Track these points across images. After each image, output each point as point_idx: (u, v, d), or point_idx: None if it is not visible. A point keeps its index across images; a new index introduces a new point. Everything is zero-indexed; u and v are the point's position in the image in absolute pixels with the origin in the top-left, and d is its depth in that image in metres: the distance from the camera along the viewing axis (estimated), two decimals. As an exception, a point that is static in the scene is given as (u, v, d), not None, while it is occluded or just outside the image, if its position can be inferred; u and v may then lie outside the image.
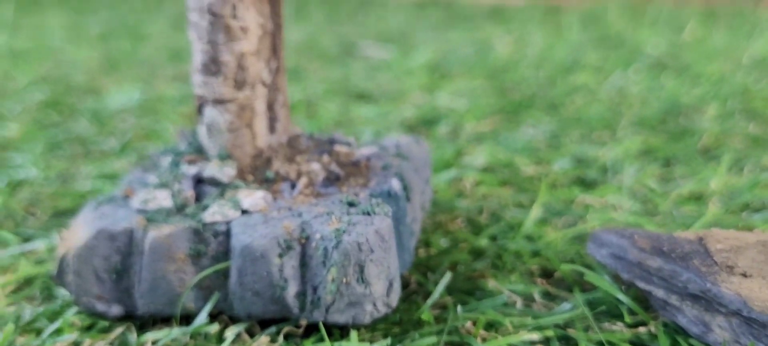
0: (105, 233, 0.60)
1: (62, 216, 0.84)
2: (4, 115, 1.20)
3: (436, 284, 0.66)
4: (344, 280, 0.57)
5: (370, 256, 0.57)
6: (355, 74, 1.44)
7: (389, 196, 0.63)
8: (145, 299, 0.61)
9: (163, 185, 0.64)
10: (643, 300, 0.63)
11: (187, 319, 0.61)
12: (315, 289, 0.58)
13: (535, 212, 0.77)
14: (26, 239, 0.78)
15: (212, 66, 0.63)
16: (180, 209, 0.62)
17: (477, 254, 0.72)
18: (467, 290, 0.65)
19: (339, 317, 0.58)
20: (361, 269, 0.57)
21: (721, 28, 1.88)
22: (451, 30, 1.95)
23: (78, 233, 0.62)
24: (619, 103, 1.22)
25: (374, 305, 0.58)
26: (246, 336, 0.59)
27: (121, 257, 0.61)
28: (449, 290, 0.66)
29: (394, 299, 0.59)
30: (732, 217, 0.80)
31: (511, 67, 1.47)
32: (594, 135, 1.06)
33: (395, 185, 0.64)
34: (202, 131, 0.67)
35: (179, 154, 0.69)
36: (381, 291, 0.58)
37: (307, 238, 0.58)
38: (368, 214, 0.59)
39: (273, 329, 0.59)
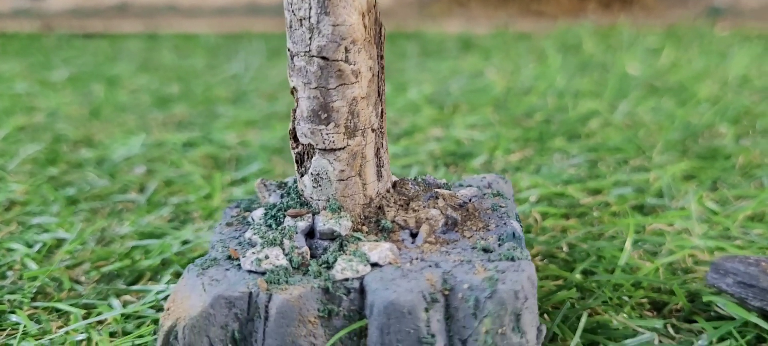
0: (223, 300, 0.56)
1: (114, 280, 0.78)
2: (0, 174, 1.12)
3: (553, 324, 0.63)
4: (500, 330, 0.54)
5: (525, 303, 0.54)
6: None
7: (514, 238, 0.61)
8: (271, 368, 0.56)
9: (272, 243, 0.60)
10: (764, 329, 0.62)
11: (317, 385, 0.57)
12: (464, 342, 0.54)
13: (628, 244, 0.75)
14: (87, 309, 0.72)
15: (322, 113, 0.60)
16: (297, 267, 0.58)
17: (579, 290, 0.70)
18: (590, 329, 0.63)
19: (492, 371, 0.55)
20: (518, 318, 0.54)
21: (690, 49, 1.94)
22: (429, 61, 1.95)
23: (188, 301, 0.57)
24: (633, 128, 1.24)
25: (528, 354, 0.55)
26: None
27: (240, 324, 0.56)
28: (570, 328, 0.63)
29: (539, 344, 0.57)
30: (806, 236, 0.80)
31: (513, 97, 1.47)
32: (631, 162, 1.06)
33: (517, 226, 0.62)
34: (305, 182, 0.63)
35: (272, 208, 0.65)
36: (533, 339, 0.55)
37: (451, 289, 0.54)
38: (512, 260, 0.56)
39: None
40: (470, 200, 0.67)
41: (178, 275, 0.77)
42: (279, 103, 1.54)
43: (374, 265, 0.57)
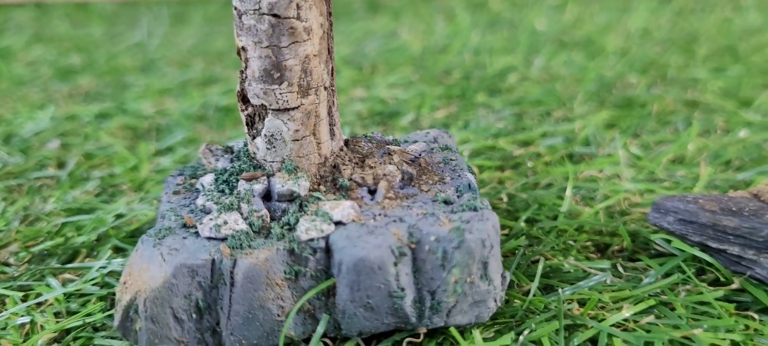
0: (185, 268, 0.54)
1: (47, 259, 0.74)
2: None
3: (510, 272, 0.65)
4: (468, 279, 0.55)
5: (491, 252, 0.55)
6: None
7: (470, 189, 0.61)
8: (238, 335, 0.55)
9: (229, 208, 0.58)
10: (705, 261, 0.66)
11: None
12: (432, 294, 0.55)
13: (569, 191, 0.78)
14: (24, 291, 0.68)
15: (275, 72, 0.58)
16: (258, 231, 0.57)
17: (527, 237, 0.72)
18: (544, 274, 0.65)
19: (462, 319, 0.56)
20: (485, 266, 0.55)
21: (592, 4, 2.01)
22: (339, 23, 1.93)
23: (146, 273, 0.55)
24: (551, 81, 1.27)
25: (495, 300, 0.56)
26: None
27: (203, 292, 0.55)
28: (527, 275, 0.65)
29: (504, 291, 0.58)
30: (724, 174, 0.85)
31: (430, 56, 1.48)
32: (554, 113, 1.09)
33: (471, 178, 0.63)
34: (258, 144, 0.62)
35: (223, 173, 0.63)
36: (499, 285, 0.57)
37: (418, 242, 0.55)
38: (475, 210, 0.57)
39: (388, 342, 0.56)
40: (421, 155, 0.68)
41: (118, 250, 0.74)
42: (191, 70, 1.49)
43: (338, 223, 0.57)
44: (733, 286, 0.62)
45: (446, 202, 0.59)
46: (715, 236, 0.64)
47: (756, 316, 0.59)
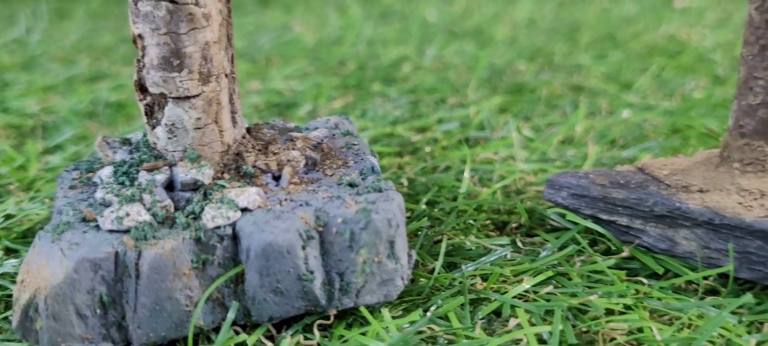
0: (87, 263, 0.52)
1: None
2: None
3: (414, 252, 0.67)
4: (376, 259, 0.56)
5: (397, 231, 0.56)
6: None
7: (373, 172, 0.63)
8: (145, 328, 0.54)
9: (130, 200, 0.57)
10: (597, 232, 0.69)
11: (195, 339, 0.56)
12: (341, 275, 0.56)
13: (467, 173, 0.80)
14: None
15: (174, 59, 0.57)
16: (162, 221, 0.56)
17: (428, 219, 0.74)
18: (448, 253, 0.67)
19: (371, 298, 0.57)
20: (392, 245, 0.56)
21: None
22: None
23: (46, 269, 0.53)
24: (443, 70, 1.30)
25: (402, 278, 0.58)
26: (289, 337, 0.55)
27: (107, 286, 0.53)
28: (431, 255, 0.67)
29: (411, 270, 0.59)
30: (610, 152, 0.90)
31: (324, 48, 1.48)
32: (449, 100, 1.12)
33: (374, 161, 0.64)
34: (158, 133, 0.60)
35: (122, 165, 0.62)
36: (406, 264, 0.58)
37: (325, 224, 0.55)
38: (380, 191, 0.58)
39: (298, 326, 0.56)
40: (323, 141, 0.68)
41: (10, 251, 0.71)
42: (77, 66, 1.43)
43: (244, 210, 0.57)
44: (624, 254, 0.66)
45: (351, 184, 0.60)
46: (606, 209, 0.67)
47: (645, 280, 0.63)
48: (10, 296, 0.63)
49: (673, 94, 1.13)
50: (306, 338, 0.56)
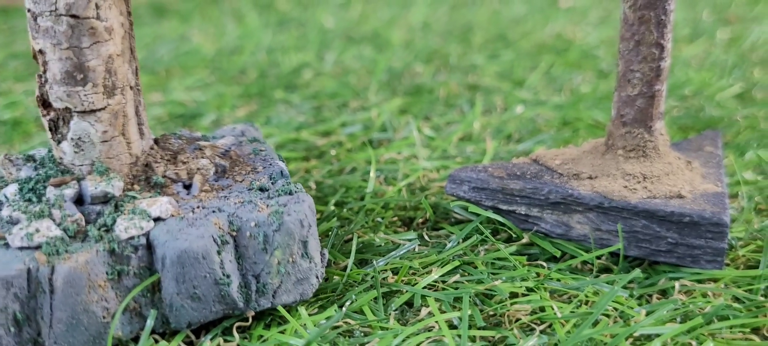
0: (-2, 281, 0.52)
1: None
2: None
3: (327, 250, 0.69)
4: (290, 259, 0.58)
5: (309, 231, 0.58)
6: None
7: (282, 176, 0.64)
8: (62, 342, 0.54)
9: (39, 216, 0.57)
10: (498, 222, 0.74)
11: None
12: (257, 277, 0.58)
13: (372, 173, 0.83)
14: None
15: (77, 74, 0.57)
16: (74, 235, 0.56)
17: (338, 219, 0.76)
18: (358, 250, 0.70)
19: (287, 298, 0.59)
20: (305, 245, 0.58)
21: (375, 0, 2.11)
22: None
23: (-47, 291, 0.52)
24: (344, 75, 1.33)
25: (317, 277, 0.60)
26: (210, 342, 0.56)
27: (20, 303, 0.53)
28: (342, 253, 0.69)
29: (324, 268, 0.62)
30: (507, 146, 0.95)
31: (224, 57, 1.48)
32: (351, 104, 1.15)
33: (283, 165, 0.66)
34: (64, 148, 0.60)
35: (28, 182, 0.61)
36: (319, 262, 0.60)
37: (239, 229, 0.57)
38: (290, 193, 0.60)
39: (217, 330, 0.58)
40: (231, 148, 0.69)
41: None
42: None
43: (157, 219, 0.58)
44: (524, 241, 0.70)
45: (262, 189, 0.62)
46: (505, 199, 0.71)
47: (545, 264, 0.67)
48: None
49: (562, 89, 1.20)
50: (226, 341, 0.57)
